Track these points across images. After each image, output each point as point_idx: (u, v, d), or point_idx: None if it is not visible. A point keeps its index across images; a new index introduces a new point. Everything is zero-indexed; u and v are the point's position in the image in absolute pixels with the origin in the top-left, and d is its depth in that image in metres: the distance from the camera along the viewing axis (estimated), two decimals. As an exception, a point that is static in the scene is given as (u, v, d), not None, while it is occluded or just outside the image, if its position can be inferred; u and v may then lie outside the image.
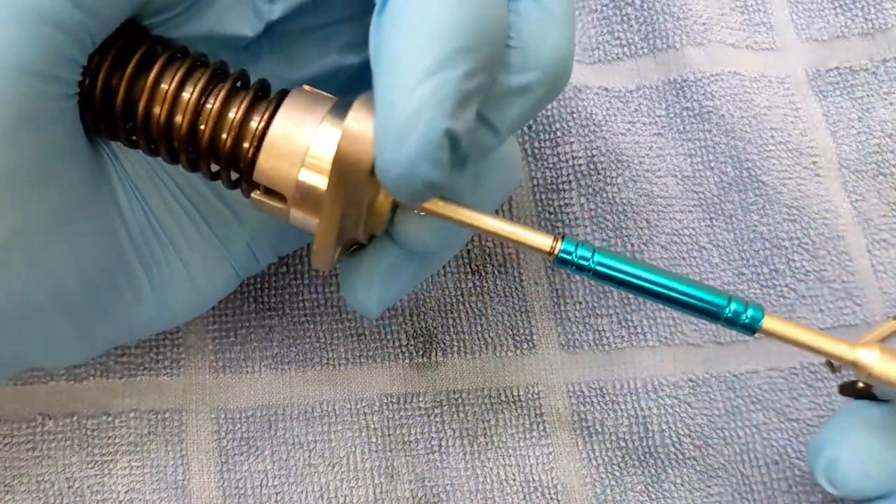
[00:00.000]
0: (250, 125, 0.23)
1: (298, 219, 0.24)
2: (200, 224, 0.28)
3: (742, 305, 0.24)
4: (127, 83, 0.23)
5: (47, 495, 0.31)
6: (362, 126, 0.22)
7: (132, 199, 0.26)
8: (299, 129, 0.23)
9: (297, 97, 0.24)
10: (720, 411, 0.33)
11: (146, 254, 0.27)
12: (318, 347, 0.33)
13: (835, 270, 0.34)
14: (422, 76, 0.20)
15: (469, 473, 0.32)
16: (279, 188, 0.23)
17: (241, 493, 0.31)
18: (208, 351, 0.33)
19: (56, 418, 0.32)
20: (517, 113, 0.23)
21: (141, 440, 0.32)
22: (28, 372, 0.32)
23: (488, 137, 0.23)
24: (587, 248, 0.24)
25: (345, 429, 0.32)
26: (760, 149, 0.35)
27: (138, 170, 0.27)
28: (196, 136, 0.24)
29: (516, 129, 0.24)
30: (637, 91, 0.36)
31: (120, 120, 0.24)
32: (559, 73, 0.23)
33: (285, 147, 0.23)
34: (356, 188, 0.22)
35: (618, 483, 0.32)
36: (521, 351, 0.33)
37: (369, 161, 0.22)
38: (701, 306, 0.24)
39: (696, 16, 0.37)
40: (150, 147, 0.24)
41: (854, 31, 0.37)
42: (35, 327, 0.25)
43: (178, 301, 0.28)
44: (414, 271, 0.26)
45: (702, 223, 0.35)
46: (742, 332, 0.24)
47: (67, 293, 0.24)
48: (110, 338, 0.27)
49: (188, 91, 0.23)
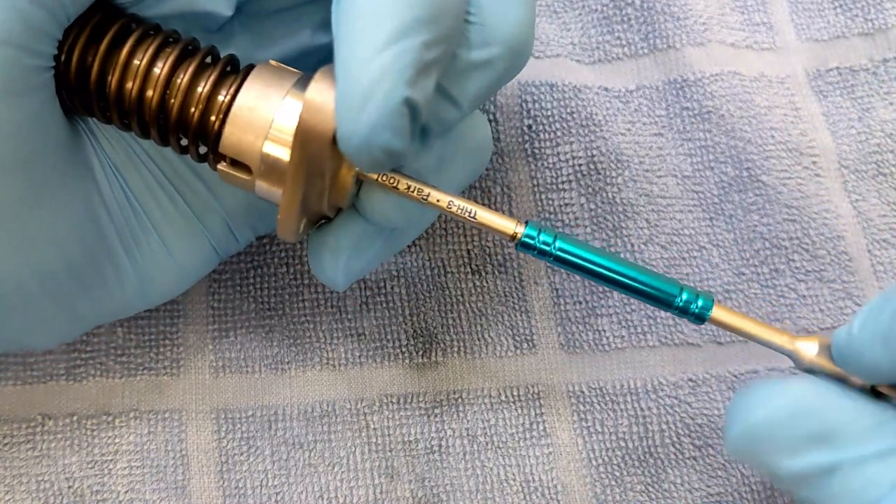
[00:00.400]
0: (217, 98, 0.24)
1: (264, 190, 0.24)
2: (178, 200, 0.28)
3: (693, 295, 0.25)
4: (101, 59, 0.24)
5: (47, 495, 0.31)
6: (323, 96, 0.22)
7: (110, 175, 0.27)
8: (264, 101, 0.24)
9: (263, 71, 0.24)
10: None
11: (125, 230, 0.27)
12: (318, 347, 0.33)
13: (835, 270, 0.34)
14: (381, 45, 0.20)
15: (469, 473, 0.32)
16: (245, 159, 0.24)
17: (241, 493, 0.31)
18: (208, 351, 0.33)
19: (56, 418, 0.32)
20: (478, 87, 0.24)
21: (141, 440, 0.32)
22: (28, 372, 0.32)
23: (449, 110, 0.24)
24: (549, 234, 0.25)
25: (345, 429, 0.32)
26: (760, 149, 0.35)
27: (115, 147, 0.27)
28: (166, 109, 0.24)
29: (478, 103, 0.24)
30: (637, 91, 0.36)
31: (94, 95, 0.24)
32: (520, 48, 0.24)
33: (250, 119, 0.24)
34: (319, 159, 0.23)
35: (618, 483, 0.32)
36: (521, 351, 0.33)
37: (331, 130, 0.22)
38: (653, 294, 0.25)
39: (696, 16, 0.37)
40: (123, 122, 0.25)
41: (854, 31, 0.37)
42: (18, 304, 0.25)
43: (158, 278, 0.28)
44: (380, 246, 0.27)
45: (702, 223, 0.35)
46: (693, 321, 0.25)
47: (48, 269, 0.25)
48: (93, 316, 0.28)
49: (159, 66, 0.24)
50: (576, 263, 0.25)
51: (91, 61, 0.24)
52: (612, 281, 0.25)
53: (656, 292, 0.25)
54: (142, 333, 0.33)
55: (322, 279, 0.27)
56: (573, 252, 0.25)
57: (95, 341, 0.32)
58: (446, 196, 0.25)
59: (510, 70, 0.24)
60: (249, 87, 0.24)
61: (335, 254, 0.26)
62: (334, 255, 0.26)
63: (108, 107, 0.25)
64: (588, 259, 0.25)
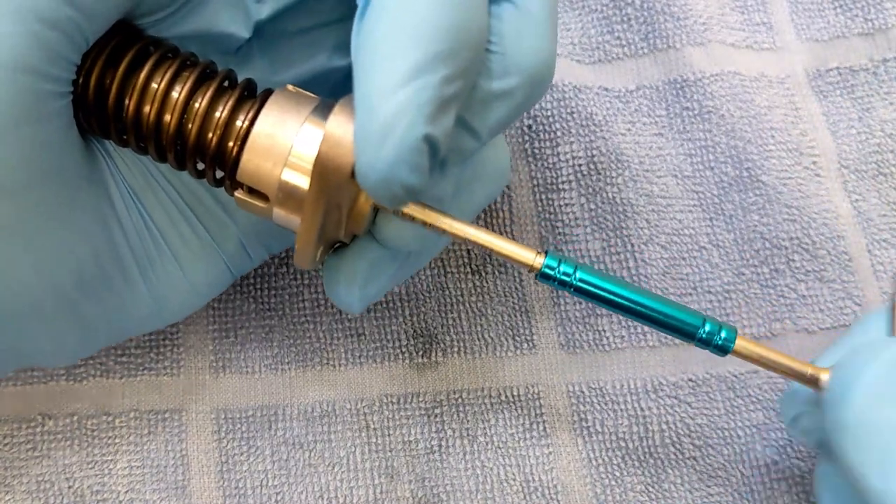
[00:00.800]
0: (235, 124, 0.24)
1: (281, 217, 0.24)
2: (194, 223, 0.28)
3: (716, 327, 0.25)
4: (119, 82, 0.24)
5: (47, 495, 0.31)
6: (343, 130, 0.22)
7: (126, 197, 0.27)
8: (282, 128, 0.23)
9: (281, 97, 0.24)
10: (720, 411, 0.33)
11: (141, 251, 0.27)
12: (318, 347, 0.33)
13: (835, 270, 0.34)
14: (400, 81, 0.20)
15: (469, 473, 0.32)
16: (262, 188, 0.24)
17: (241, 493, 0.31)
18: (208, 351, 0.33)
19: (56, 418, 0.32)
20: (498, 117, 0.23)
21: (141, 440, 0.32)
22: (28, 372, 0.32)
23: (469, 142, 0.23)
24: (570, 265, 0.25)
25: (345, 429, 0.32)
26: (760, 149, 0.35)
27: (132, 169, 0.27)
28: (183, 134, 0.24)
29: (497, 133, 0.24)
30: (637, 91, 0.36)
31: (111, 118, 0.24)
32: (540, 77, 0.23)
33: (268, 146, 0.23)
34: (337, 190, 0.23)
35: (618, 483, 0.32)
36: (521, 351, 0.33)
37: (350, 164, 0.22)
38: (676, 325, 0.25)
39: (696, 16, 0.37)
40: (140, 145, 0.25)
41: (854, 31, 0.37)
42: (32, 322, 0.25)
43: (172, 299, 0.28)
44: (395, 270, 0.26)
45: (702, 223, 0.35)
46: (715, 352, 0.25)
47: (63, 289, 0.25)
48: (106, 335, 0.28)
49: (177, 90, 0.24)
50: (597, 294, 0.25)
51: (109, 84, 0.24)
52: (634, 312, 0.25)
53: (679, 324, 0.25)
54: (142, 334, 0.33)
55: (338, 304, 0.26)
56: (594, 283, 0.25)
57: (95, 341, 0.33)
58: (463, 226, 0.24)
59: (530, 99, 0.24)
60: (268, 113, 0.23)
61: (351, 280, 0.26)
62: (350, 281, 0.26)
63: (126, 130, 0.24)
64: (609, 290, 0.25)
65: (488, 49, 0.23)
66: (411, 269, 0.28)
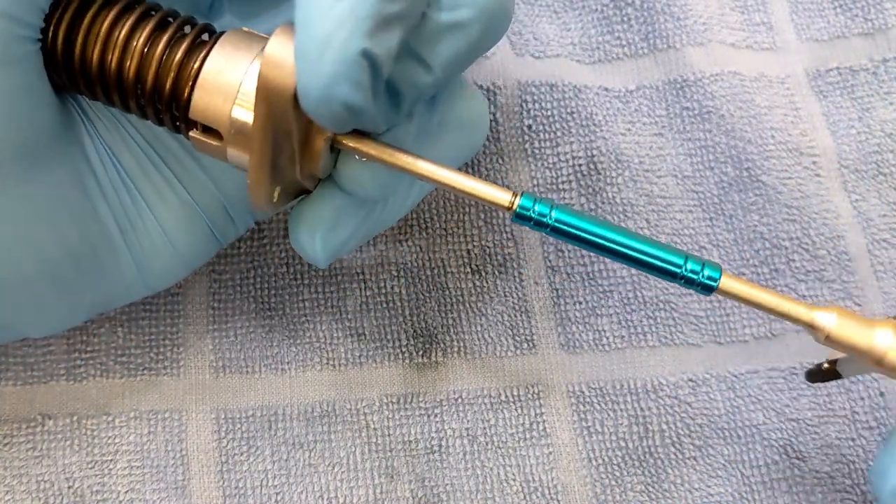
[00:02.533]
0: (188, 66, 0.24)
1: (235, 157, 0.24)
2: (173, 181, 0.28)
3: (699, 264, 0.24)
4: (83, 32, 0.24)
5: (47, 495, 0.31)
6: (283, 51, 0.22)
7: (103, 155, 0.27)
8: (232, 65, 0.23)
9: (234, 36, 0.24)
10: (720, 411, 0.33)
11: (120, 211, 0.27)
12: (318, 347, 0.33)
13: (835, 270, 0.34)
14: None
15: (469, 473, 0.32)
16: (215, 124, 0.24)
17: (241, 493, 0.31)
18: (208, 351, 0.33)
19: (56, 418, 0.32)
20: (451, 51, 0.23)
21: (141, 440, 0.32)
22: (28, 372, 0.32)
23: (420, 74, 0.23)
24: (545, 205, 0.24)
25: (345, 429, 0.32)
26: (760, 149, 0.35)
27: (108, 127, 0.27)
28: (142, 79, 0.24)
29: (455, 69, 0.24)
30: (637, 91, 0.36)
31: (78, 68, 0.25)
32: (495, 11, 0.23)
33: (218, 83, 0.23)
34: (283, 116, 0.22)
35: (618, 483, 0.32)
36: (521, 351, 0.33)
37: (291, 86, 0.22)
38: (658, 265, 0.24)
39: (696, 16, 0.37)
40: (106, 95, 0.25)
41: (854, 31, 0.37)
42: (14, 287, 0.25)
43: (156, 261, 0.28)
44: (360, 221, 0.26)
45: (702, 223, 0.35)
46: (700, 291, 0.24)
47: (44, 249, 0.25)
48: (92, 301, 0.28)
49: (136, 37, 0.24)
50: (574, 234, 0.24)
51: (75, 36, 0.24)
52: (612, 252, 0.24)
53: (659, 262, 0.24)
54: (142, 333, 0.33)
55: (302, 254, 0.26)
56: (571, 223, 0.24)
57: (95, 341, 0.32)
58: (427, 164, 0.24)
59: (486, 35, 0.23)
60: (218, 53, 0.24)
61: (312, 227, 0.25)
62: (311, 227, 0.26)
63: (91, 80, 0.25)
64: (587, 230, 0.24)
65: None
66: (379, 224, 0.27)
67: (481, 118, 0.27)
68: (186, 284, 0.33)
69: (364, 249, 0.34)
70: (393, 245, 0.34)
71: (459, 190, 0.24)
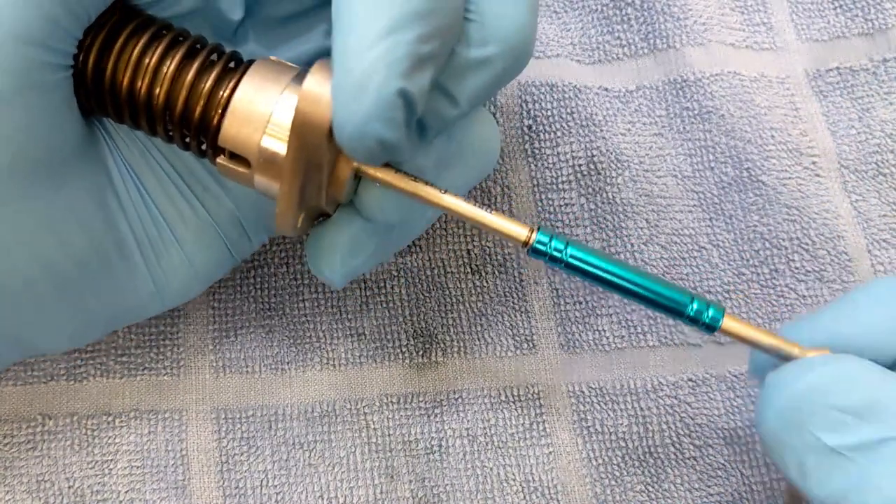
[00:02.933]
0: (218, 94, 0.25)
1: (263, 185, 0.25)
2: (193, 202, 0.28)
3: (703, 305, 0.25)
4: (115, 58, 0.24)
5: (47, 495, 0.31)
6: (320, 88, 0.22)
7: (126, 176, 0.27)
8: (262, 95, 0.24)
9: (263, 66, 0.25)
10: (720, 411, 0.33)
11: (140, 230, 0.27)
12: (318, 347, 0.33)
13: (835, 270, 0.34)
14: (376, 37, 0.21)
15: (469, 473, 0.32)
16: (243, 152, 0.24)
17: (241, 493, 0.31)
18: (208, 351, 0.33)
19: (56, 418, 0.32)
20: (477, 86, 0.24)
21: (141, 440, 0.32)
22: (29, 372, 0.32)
23: (447, 108, 0.24)
24: (561, 241, 0.25)
25: (345, 429, 0.32)
26: (760, 149, 0.35)
27: (132, 149, 0.27)
28: (171, 105, 0.25)
29: (477, 102, 0.24)
30: (637, 91, 0.36)
31: (108, 93, 0.25)
32: (519, 48, 0.24)
33: (248, 112, 0.24)
34: (316, 150, 0.23)
35: (618, 483, 0.32)
36: (521, 351, 0.33)
37: (327, 121, 0.22)
38: (664, 303, 0.26)
39: (696, 16, 0.37)
40: (134, 119, 0.25)
41: (854, 31, 0.37)
42: (28, 301, 0.25)
43: (173, 280, 0.28)
44: (377, 244, 0.27)
45: (702, 223, 0.35)
46: (703, 330, 0.25)
47: (57, 266, 0.25)
48: (106, 319, 0.28)
49: (167, 64, 0.25)
50: (587, 271, 0.26)
51: (106, 60, 0.24)
52: (622, 289, 0.26)
53: (667, 301, 0.26)
54: (142, 333, 0.33)
55: (319, 276, 0.27)
56: (585, 259, 0.25)
57: (96, 341, 0.33)
58: (446, 196, 0.25)
59: (510, 70, 0.24)
60: (248, 82, 0.24)
61: (332, 251, 0.26)
62: (331, 252, 0.26)
63: (120, 105, 0.25)
64: (600, 266, 0.26)
65: (467, 17, 0.23)
66: (395, 246, 0.28)
67: (494, 143, 0.28)
68: (186, 284, 0.33)
69: (364, 249, 0.34)
70: (393, 245, 0.34)
71: (478, 223, 0.25)
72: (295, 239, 0.34)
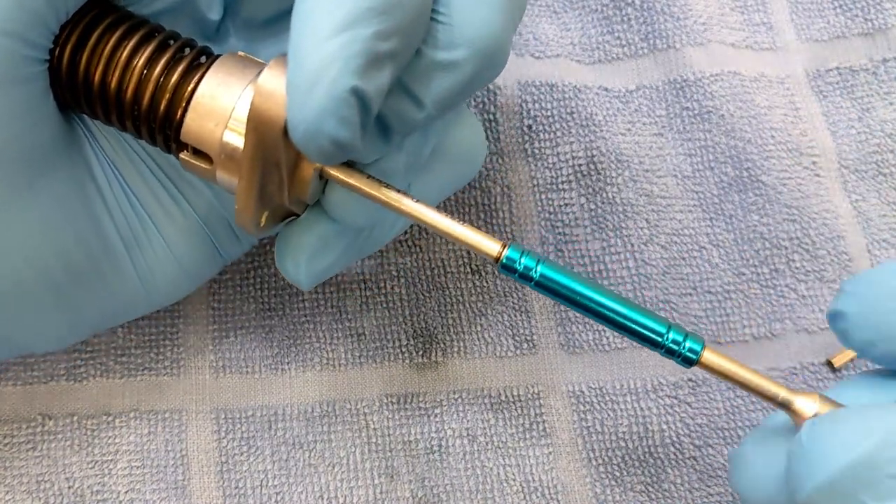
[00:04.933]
0: (183, 88, 0.24)
1: (225, 181, 0.24)
2: (180, 200, 0.28)
3: (681, 335, 0.23)
4: (88, 53, 0.25)
5: (47, 495, 0.31)
6: (275, 83, 0.22)
7: (108, 173, 0.27)
8: (225, 90, 0.24)
9: (228, 61, 0.24)
10: (720, 411, 0.33)
11: (125, 228, 0.27)
12: (318, 347, 0.33)
13: (835, 270, 0.34)
14: (331, 32, 0.20)
15: (469, 473, 0.32)
16: (205, 148, 0.24)
17: (241, 493, 0.31)
18: (208, 351, 0.33)
19: (56, 418, 0.32)
20: (443, 89, 0.23)
21: (141, 440, 0.32)
22: (28, 372, 0.32)
23: (411, 109, 0.23)
24: (532, 259, 0.24)
25: (345, 429, 0.32)
26: (760, 149, 0.35)
27: (114, 146, 0.27)
28: (138, 100, 0.25)
29: (447, 106, 0.24)
30: (637, 91, 0.36)
31: (81, 88, 0.25)
32: (490, 52, 0.23)
33: (211, 108, 0.24)
34: (272, 146, 0.23)
35: (618, 483, 0.32)
36: (521, 351, 0.33)
37: (282, 118, 0.22)
38: (640, 332, 0.24)
39: (696, 16, 0.37)
40: (106, 114, 0.25)
41: (854, 31, 0.37)
42: (15, 301, 0.25)
43: (161, 278, 0.28)
44: (346, 247, 0.26)
45: (702, 223, 0.35)
46: (681, 364, 0.24)
47: (45, 264, 0.25)
48: (95, 316, 0.28)
49: (136, 59, 0.25)
50: (558, 291, 0.24)
51: (80, 55, 0.25)
52: (595, 313, 0.24)
53: (641, 329, 0.24)
54: (142, 334, 0.33)
55: (286, 276, 0.26)
56: (556, 279, 0.24)
57: (95, 341, 0.32)
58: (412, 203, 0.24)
59: (480, 75, 0.23)
60: (212, 77, 0.24)
61: (298, 251, 0.26)
62: (296, 252, 0.26)
63: (93, 100, 0.25)
64: (571, 288, 0.24)
65: (435, 18, 0.23)
66: (364, 250, 0.27)
67: (476, 148, 0.27)
68: (186, 284, 0.33)
69: (364, 249, 0.34)
70: (393, 245, 0.34)
71: (447, 234, 0.24)
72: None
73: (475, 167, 0.28)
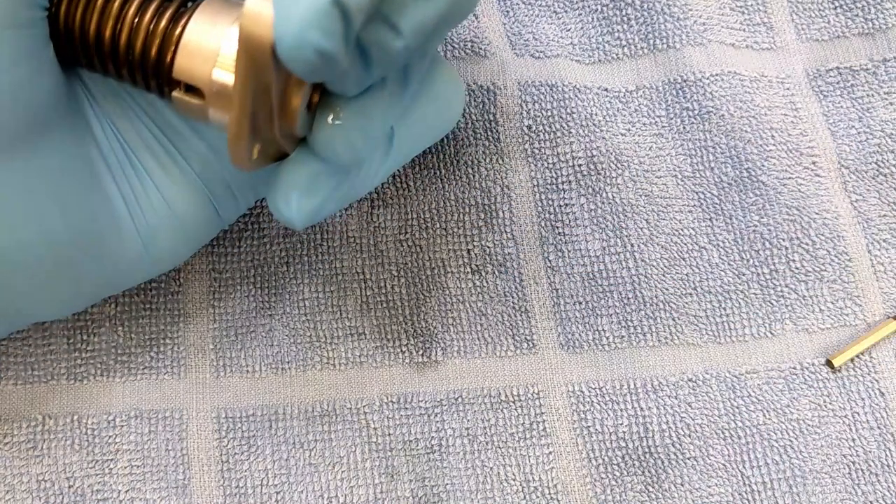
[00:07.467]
0: (173, 31, 0.26)
1: (217, 118, 0.25)
2: (176, 156, 0.29)
3: None
4: (83, 5, 0.26)
5: (47, 495, 0.31)
6: (262, 4, 0.23)
7: (108, 131, 0.28)
8: (212, 30, 0.25)
9: (213, 3, 0.26)
10: (720, 411, 0.33)
11: (125, 185, 0.27)
12: (318, 347, 0.33)
13: (835, 270, 0.34)
14: None
15: (469, 473, 0.32)
16: (196, 82, 0.25)
17: (242, 493, 0.31)
18: (209, 350, 0.33)
19: (57, 418, 0.32)
20: (420, 17, 0.24)
21: (141, 440, 0.32)
22: (28, 371, 0.32)
23: (390, 38, 0.24)
24: None
25: (345, 429, 0.32)
26: (760, 149, 0.35)
27: (112, 104, 0.28)
28: (132, 48, 0.26)
29: (423, 36, 0.24)
30: (637, 91, 0.37)
31: (78, 40, 0.26)
32: None
33: (199, 47, 0.25)
34: (263, 70, 0.23)
35: (618, 483, 0.32)
36: (521, 351, 0.33)
37: (270, 38, 0.23)
38: None
39: (696, 16, 0.37)
40: (102, 65, 0.26)
41: (854, 31, 0.37)
42: (19, 264, 0.25)
43: (161, 236, 0.28)
44: (335, 185, 0.27)
45: (702, 223, 0.35)
46: None
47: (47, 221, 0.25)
48: (97, 281, 0.28)
49: (127, 8, 0.26)
50: None
51: (75, 7, 0.26)
52: None
53: None
54: (142, 333, 0.33)
55: (278, 216, 0.27)
56: None
57: (96, 341, 0.33)
58: None
59: (456, 8, 0.24)
60: (198, 19, 0.25)
61: (288, 189, 0.26)
62: (287, 190, 0.26)
63: (90, 51, 0.26)
64: None
65: None
66: (354, 191, 0.28)
67: (456, 97, 0.28)
68: (186, 283, 0.33)
69: (364, 249, 0.34)
70: (393, 245, 0.34)
71: None
72: (297, 237, 0.34)
73: (454, 117, 0.28)
